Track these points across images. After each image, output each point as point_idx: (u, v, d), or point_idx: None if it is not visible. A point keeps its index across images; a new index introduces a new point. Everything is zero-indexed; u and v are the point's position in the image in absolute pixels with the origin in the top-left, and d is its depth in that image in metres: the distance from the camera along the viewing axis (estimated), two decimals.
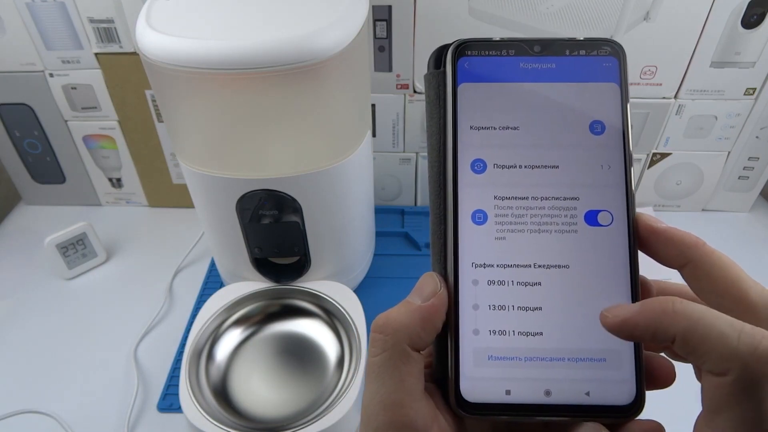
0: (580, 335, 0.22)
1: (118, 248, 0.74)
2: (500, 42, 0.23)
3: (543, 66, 0.23)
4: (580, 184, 0.22)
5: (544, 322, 0.22)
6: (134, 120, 0.72)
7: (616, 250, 0.22)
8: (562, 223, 0.22)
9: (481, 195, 0.22)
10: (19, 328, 0.64)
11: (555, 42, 0.23)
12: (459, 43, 0.23)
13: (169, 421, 0.54)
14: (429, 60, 0.24)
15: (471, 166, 0.23)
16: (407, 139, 0.73)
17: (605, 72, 0.23)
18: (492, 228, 0.22)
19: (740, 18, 0.61)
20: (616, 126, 0.23)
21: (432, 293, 0.21)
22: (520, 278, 0.22)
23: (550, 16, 0.61)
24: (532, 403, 0.21)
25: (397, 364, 0.20)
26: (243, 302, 0.58)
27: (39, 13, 0.63)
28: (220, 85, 0.44)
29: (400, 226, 0.75)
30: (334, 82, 0.46)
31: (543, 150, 0.23)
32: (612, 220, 0.22)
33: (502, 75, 0.23)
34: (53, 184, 0.79)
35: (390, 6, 0.62)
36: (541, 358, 0.22)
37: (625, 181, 0.23)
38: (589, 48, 0.23)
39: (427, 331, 0.21)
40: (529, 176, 0.22)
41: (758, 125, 0.69)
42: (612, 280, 0.22)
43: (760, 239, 0.74)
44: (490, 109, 0.23)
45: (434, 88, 0.24)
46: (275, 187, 0.51)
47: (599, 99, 0.23)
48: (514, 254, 0.22)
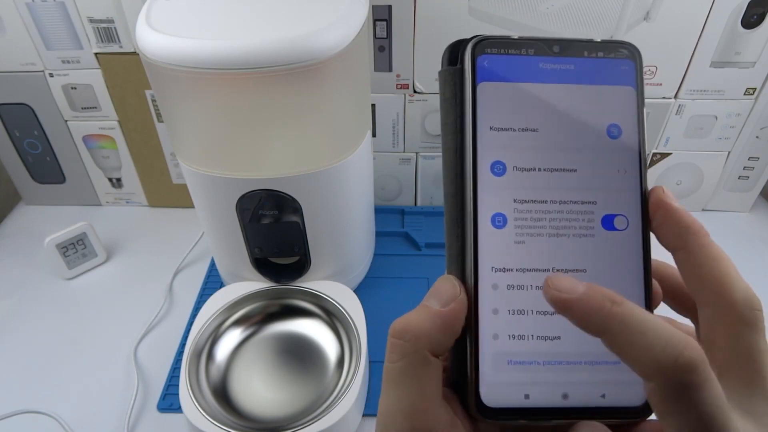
0: (596, 338, 0.22)
1: (118, 248, 0.74)
2: (520, 41, 0.23)
3: (561, 67, 0.23)
4: (597, 188, 0.22)
5: (562, 325, 0.21)
6: (134, 120, 0.72)
7: (631, 254, 0.22)
8: (579, 227, 0.22)
9: (501, 198, 0.22)
10: (19, 328, 0.64)
11: (574, 43, 0.23)
12: (478, 40, 0.22)
13: (169, 421, 0.54)
14: (443, 55, 0.23)
15: (491, 168, 0.22)
16: (407, 139, 0.73)
17: (622, 75, 0.23)
18: (512, 232, 0.22)
19: (740, 18, 0.61)
20: (632, 130, 0.23)
21: (452, 297, 0.21)
22: (539, 282, 0.22)
23: (550, 16, 0.61)
24: (550, 407, 0.21)
25: (418, 370, 0.20)
26: (243, 302, 0.58)
27: (39, 13, 0.63)
28: (220, 85, 0.44)
29: (400, 226, 0.75)
30: (334, 82, 0.46)
31: (561, 153, 0.22)
32: (627, 225, 0.22)
33: (522, 75, 0.23)
34: (53, 184, 0.79)
35: (390, 6, 0.62)
36: (560, 361, 0.22)
37: (640, 185, 0.23)
38: (607, 50, 0.23)
39: (447, 337, 0.21)
40: (548, 179, 0.22)
41: (758, 125, 0.69)
42: (626, 284, 0.22)
43: (760, 239, 0.74)
44: (510, 110, 0.22)
45: (450, 85, 0.23)
46: (275, 187, 0.51)
47: (616, 102, 0.23)
48: (534, 258, 0.22)
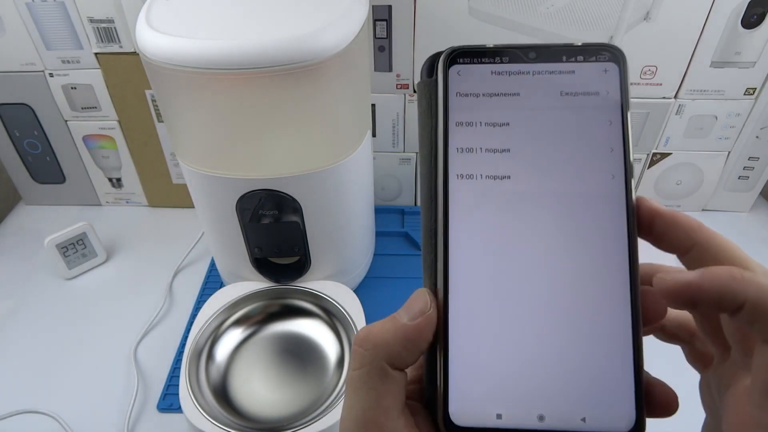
0: (576, 357, 0.20)
1: (118, 248, 0.74)
2: (493, 49, 0.22)
3: (538, 74, 0.22)
4: (577, 198, 0.21)
5: (538, 343, 0.21)
6: (134, 120, 0.72)
7: (616, 266, 0.21)
8: (557, 240, 0.21)
9: (473, 211, 0.21)
10: (19, 328, 0.64)
11: (551, 48, 0.22)
12: (450, 51, 0.22)
13: (169, 421, 0.54)
14: (422, 68, 0.23)
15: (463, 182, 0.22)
16: (407, 139, 0.73)
17: (605, 79, 0.22)
18: (484, 245, 0.21)
19: (740, 18, 0.61)
20: (615, 137, 0.22)
21: (420, 313, 0.20)
22: (512, 297, 0.21)
23: (550, 16, 0.61)
24: (525, 429, 0.20)
25: (375, 381, 0.20)
26: (243, 302, 0.57)
27: (39, 13, 0.63)
28: (220, 85, 0.44)
29: (400, 226, 0.75)
30: (334, 82, 0.46)
31: (538, 165, 0.22)
32: (611, 235, 0.21)
33: (496, 84, 0.22)
34: (53, 184, 0.79)
35: (390, 6, 0.62)
36: (535, 380, 0.20)
37: (625, 193, 0.21)
38: (588, 54, 0.22)
39: (408, 351, 0.20)
40: (525, 196, 0.21)
41: (758, 125, 0.69)
42: (611, 300, 0.21)
43: (760, 239, 0.74)
44: (484, 122, 0.22)
45: (426, 97, 0.23)
46: (275, 187, 0.51)
47: (598, 108, 0.22)
48: (507, 273, 0.21)
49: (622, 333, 0.20)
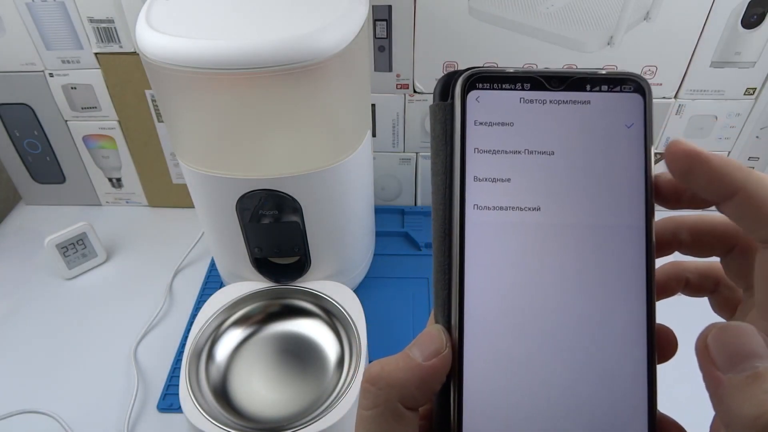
0: (591, 399, 0.20)
1: (118, 248, 0.74)
2: (515, 74, 0.21)
3: (561, 103, 0.21)
4: (596, 238, 0.21)
5: (554, 384, 0.20)
6: (134, 120, 0.72)
7: (635, 307, 0.20)
8: (576, 277, 0.21)
9: (491, 245, 0.21)
10: (19, 328, 0.64)
11: (574, 76, 0.21)
12: (469, 75, 0.21)
13: (169, 421, 0.54)
14: (435, 88, 0.22)
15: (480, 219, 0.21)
16: (407, 139, 0.73)
17: (628, 111, 0.21)
18: (500, 285, 0.21)
19: (740, 18, 0.61)
20: (637, 173, 0.21)
21: (435, 352, 0.20)
22: (528, 336, 0.20)
23: (550, 16, 0.61)
24: None
25: (390, 422, 0.19)
26: (243, 302, 0.57)
27: (39, 13, 0.63)
28: (220, 85, 0.44)
29: (400, 226, 0.75)
30: (334, 82, 0.46)
31: (558, 203, 0.21)
32: (629, 278, 0.21)
33: (517, 113, 0.21)
34: (53, 184, 0.79)
35: (390, 6, 0.62)
36: (550, 422, 0.20)
37: (645, 235, 0.20)
38: (612, 84, 0.21)
39: (422, 392, 0.20)
40: (543, 230, 0.21)
41: (758, 125, 0.69)
42: (628, 342, 0.20)
43: None
44: (504, 152, 0.21)
45: (441, 122, 0.21)
46: (275, 187, 0.51)
47: (621, 142, 0.21)
48: (524, 312, 0.20)
49: (639, 375, 0.20)
